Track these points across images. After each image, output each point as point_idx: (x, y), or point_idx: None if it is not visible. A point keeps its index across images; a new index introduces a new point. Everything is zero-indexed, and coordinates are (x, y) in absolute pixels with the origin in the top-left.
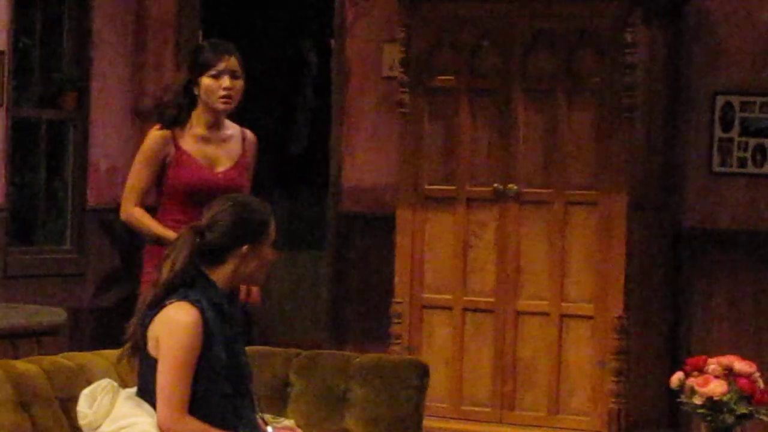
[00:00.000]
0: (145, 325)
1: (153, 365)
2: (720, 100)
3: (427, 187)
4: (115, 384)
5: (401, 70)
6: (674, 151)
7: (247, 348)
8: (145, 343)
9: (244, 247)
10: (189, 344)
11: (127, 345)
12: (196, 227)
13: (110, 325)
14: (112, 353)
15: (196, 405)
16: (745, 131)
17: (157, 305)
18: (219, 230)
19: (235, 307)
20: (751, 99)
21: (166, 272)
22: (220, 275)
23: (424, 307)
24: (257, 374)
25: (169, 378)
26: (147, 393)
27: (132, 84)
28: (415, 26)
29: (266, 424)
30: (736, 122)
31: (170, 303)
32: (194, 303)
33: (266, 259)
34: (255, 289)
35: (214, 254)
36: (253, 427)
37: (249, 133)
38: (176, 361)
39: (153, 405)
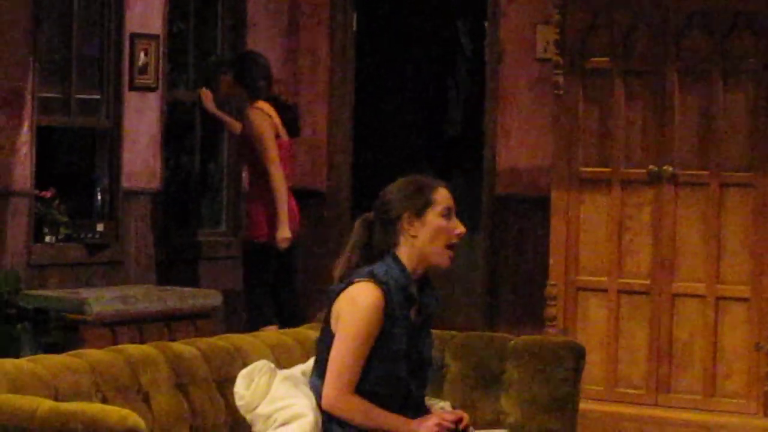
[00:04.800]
0: (331, 300)
1: (332, 341)
2: None
3: (581, 169)
4: (272, 365)
5: (556, 51)
6: None
7: None
8: (329, 319)
9: (405, 214)
10: (368, 324)
11: (319, 318)
12: (366, 216)
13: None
14: (269, 335)
15: (369, 384)
16: None
17: (344, 281)
18: (383, 207)
19: (427, 294)
20: None
21: (344, 263)
22: (403, 253)
23: (579, 289)
24: None
25: (343, 354)
26: (321, 368)
27: (286, 67)
28: (570, 8)
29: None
30: None
31: (357, 281)
32: (380, 284)
33: (441, 227)
34: None
35: (388, 232)
36: (422, 412)
37: None
38: (353, 339)
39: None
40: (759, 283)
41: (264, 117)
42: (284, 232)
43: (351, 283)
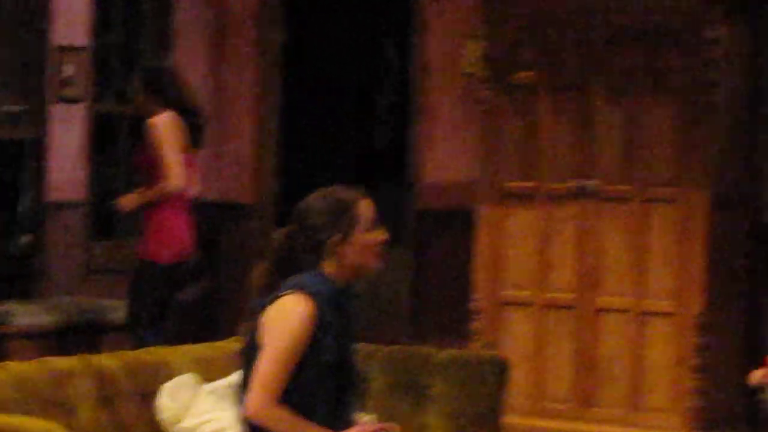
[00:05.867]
0: (257, 312)
1: (258, 352)
2: None
3: (507, 183)
4: (197, 378)
5: (482, 66)
6: (756, 148)
7: None
8: (255, 331)
9: (333, 238)
10: (298, 335)
11: (243, 331)
12: (287, 229)
13: (191, 321)
14: (194, 348)
15: (297, 395)
16: None
17: (271, 294)
18: (307, 229)
19: (351, 303)
20: None
21: (264, 275)
22: (329, 267)
23: (504, 303)
24: None
25: (270, 365)
26: (248, 381)
27: (212, 79)
28: (497, 22)
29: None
30: None
31: (287, 293)
32: (310, 295)
33: (367, 243)
34: None
35: (316, 248)
36: (349, 423)
37: None
38: (281, 349)
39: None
40: (683, 297)
41: (167, 126)
42: (128, 200)
43: (280, 295)
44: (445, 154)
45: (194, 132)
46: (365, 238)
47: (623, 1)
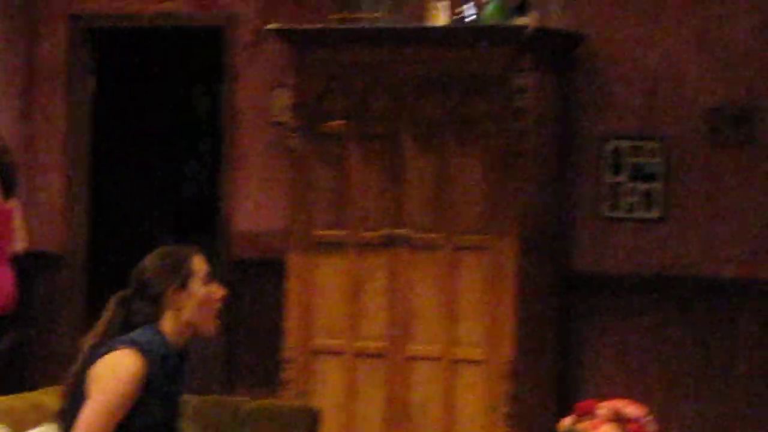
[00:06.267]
0: (86, 364)
1: (83, 404)
2: (610, 145)
3: (317, 232)
4: (7, 431)
5: (291, 115)
6: (565, 196)
7: None
8: (81, 383)
9: (170, 289)
10: (123, 391)
11: (69, 383)
12: (122, 293)
13: (3, 371)
14: (2, 400)
15: None
16: (634, 176)
17: (104, 346)
18: (144, 284)
19: (185, 365)
20: (640, 143)
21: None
22: (166, 326)
23: (316, 352)
24: None
25: (92, 419)
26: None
27: (21, 128)
28: (306, 71)
29: None
30: (626, 167)
31: (119, 347)
32: (142, 352)
33: (205, 296)
34: None
35: (154, 300)
36: None
37: None
38: (106, 405)
39: None
40: (493, 345)
41: None
42: None
43: (112, 348)
44: (256, 203)
45: (6, 181)
46: (203, 291)
47: (432, 51)
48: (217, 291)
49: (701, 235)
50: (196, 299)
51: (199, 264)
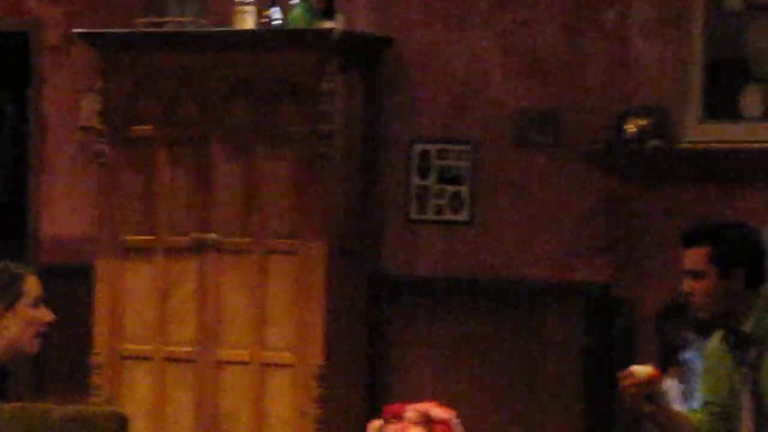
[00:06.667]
0: None
1: None
2: (417, 148)
3: (126, 237)
4: None
5: (98, 120)
6: (373, 199)
7: None
8: None
9: (1, 306)
10: None
11: None
12: None
13: None
14: None
15: None
16: (441, 179)
17: None
18: None
19: (7, 381)
20: (448, 147)
21: None
22: None
23: (125, 357)
24: None
25: None
26: None
27: None
28: (113, 76)
29: None
30: (434, 170)
31: None
32: None
33: (31, 319)
34: None
35: None
36: None
37: None
38: None
39: None
40: (303, 349)
41: None
42: None
43: None
44: (64, 209)
45: None
46: (30, 313)
47: (240, 55)
48: (45, 316)
49: (509, 238)
50: (23, 320)
51: (30, 285)
